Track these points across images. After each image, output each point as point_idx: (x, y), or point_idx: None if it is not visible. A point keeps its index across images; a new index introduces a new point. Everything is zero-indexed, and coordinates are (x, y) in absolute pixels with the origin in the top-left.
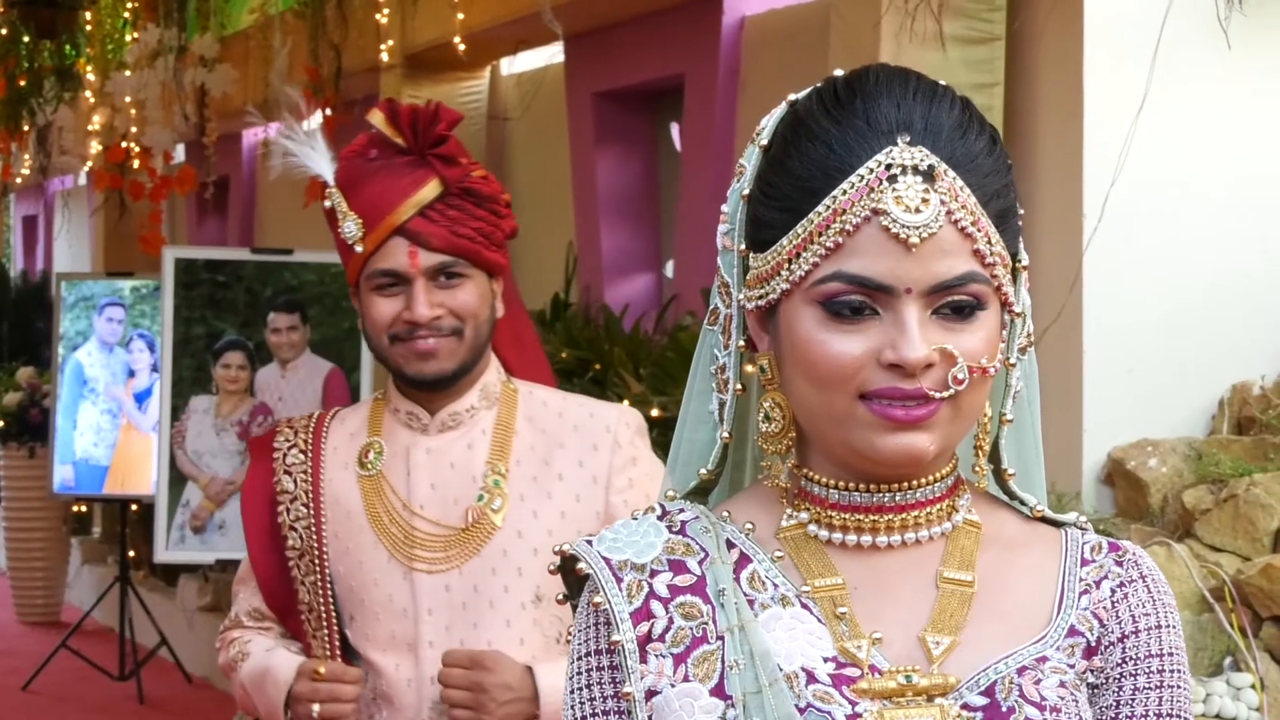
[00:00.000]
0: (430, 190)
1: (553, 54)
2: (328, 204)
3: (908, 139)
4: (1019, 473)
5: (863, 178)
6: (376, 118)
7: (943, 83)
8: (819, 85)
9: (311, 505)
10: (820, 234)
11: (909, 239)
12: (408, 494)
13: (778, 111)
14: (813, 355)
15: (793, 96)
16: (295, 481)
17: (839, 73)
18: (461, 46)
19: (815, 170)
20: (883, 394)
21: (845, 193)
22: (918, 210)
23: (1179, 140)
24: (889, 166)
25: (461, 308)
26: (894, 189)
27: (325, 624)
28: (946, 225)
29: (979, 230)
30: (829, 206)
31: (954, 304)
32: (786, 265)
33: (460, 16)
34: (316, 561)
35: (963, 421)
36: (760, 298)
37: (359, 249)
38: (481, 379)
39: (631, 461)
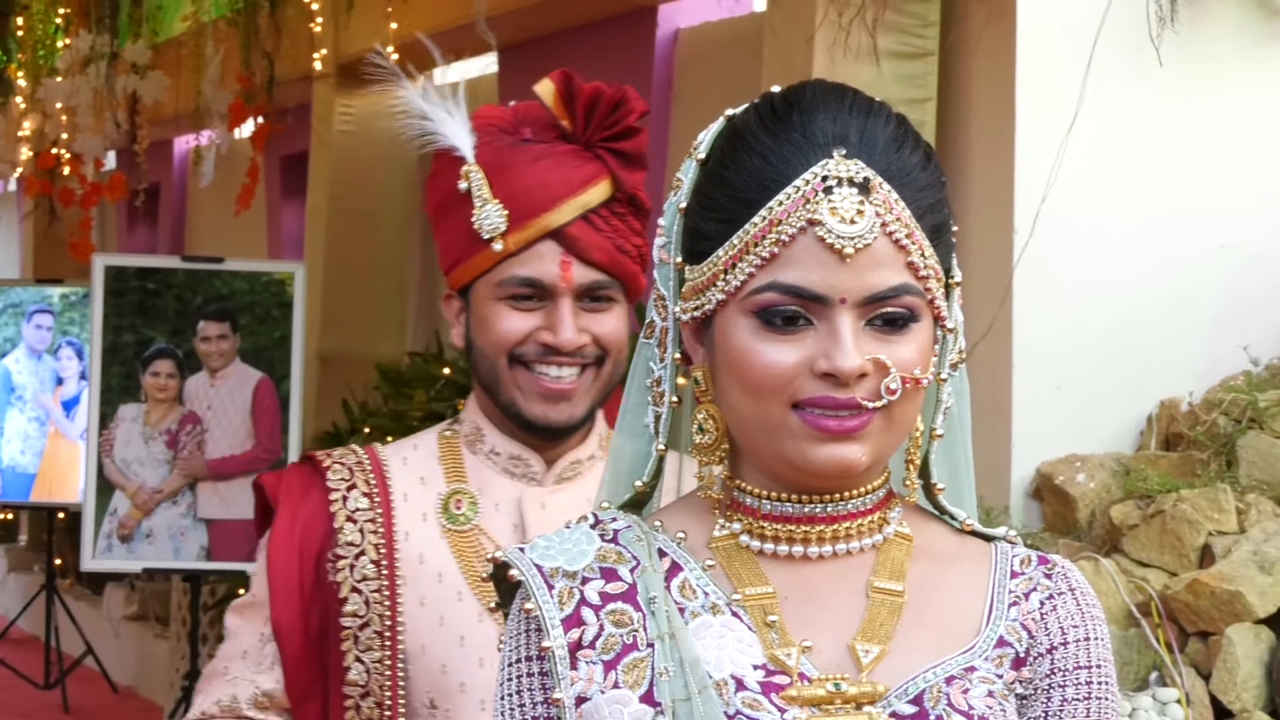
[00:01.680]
0: (599, 192)
1: (486, 64)
2: (462, 185)
3: (844, 152)
4: (950, 487)
5: (799, 189)
6: (546, 91)
7: (879, 99)
8: (756, 100)
9: (385, 563)
10: (756, 244)
11: (844, 250)
12: None
13: (715, 126)
14: (747, 364)
15: (730, 111)
16: (362, 532)
17: (776, 88)
18: (395, 56)
19: (752, 182)
20: (816, 403)
21: (781, 204)
22: (853, 222)
23: (1110, 157)
24: (825, 178)
25: (608, 337)
26: (829, 200)
27: (389, 712)
28: (881, 237)
29: (913, 243)
30: (765, 217)
31: (888, 315)
32: (722, 276)
33: (394, 26)
34: (388, 634)
35: (895, 433)
36: (696, 309)
37: (497, 246)
38: (600, 424)
39: None
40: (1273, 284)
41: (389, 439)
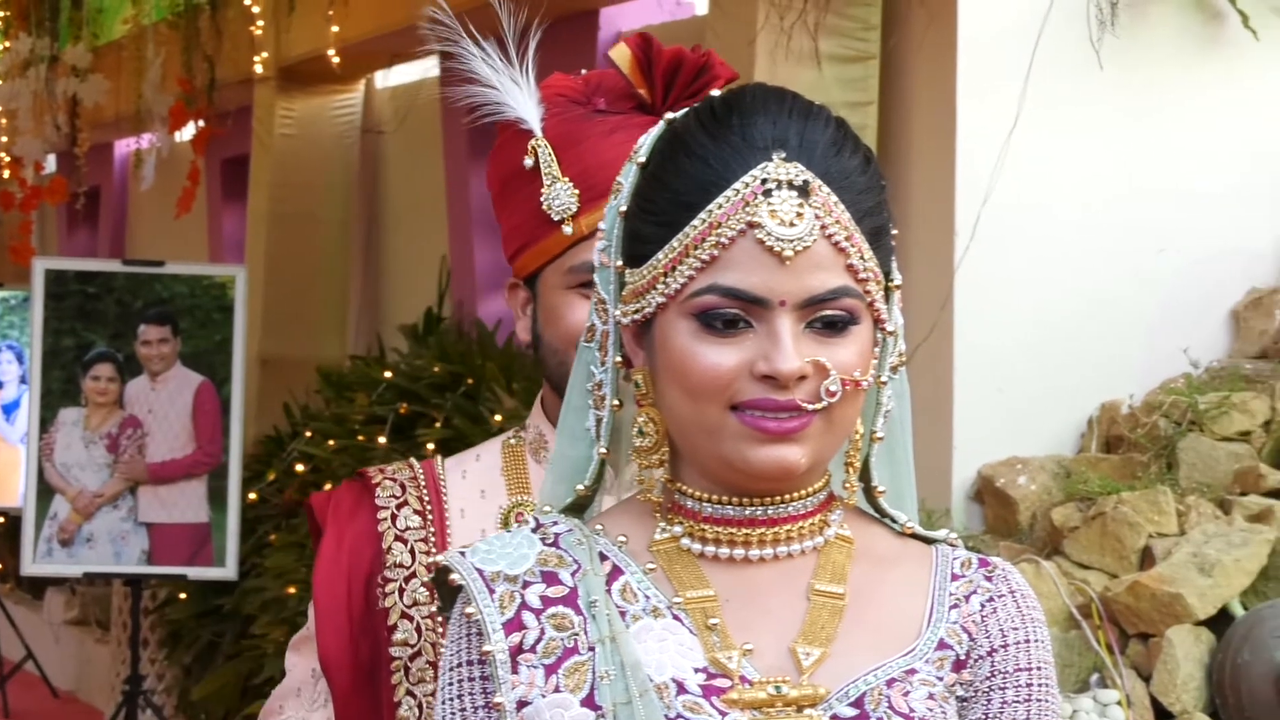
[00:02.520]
0: None
1: (427, 67)
2: (528, 161)
3: (783, 155)
4: (891, 490)
5: (738, 191)
6: (621, 56)
7: (819, 102)
8: (697, 104)
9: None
10: (696, 247)
11: (783, 252)
12: None
13: (656, 130)
14: (686, 366)
15: (670, 116)
16: (413, 553)
17: (716, 93)
18: (336, 59)
19: (692, 185)
20: (755, 404)
21: (721, 206)
22: (792, 224)
23: (1051, 160)
24: (764, 181)
25: None
26: (769, 203)
27: None
28: (820, 239)
29: (852, 245)
30: (704, 220)
31: (827, 318)
32: (662, 279)
33: (335, 29)
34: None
35: (835, 435)
36: (636, 312)
37: (568, 229)
38: None
39: None
40: (1212, 287)
41: (330, 443)
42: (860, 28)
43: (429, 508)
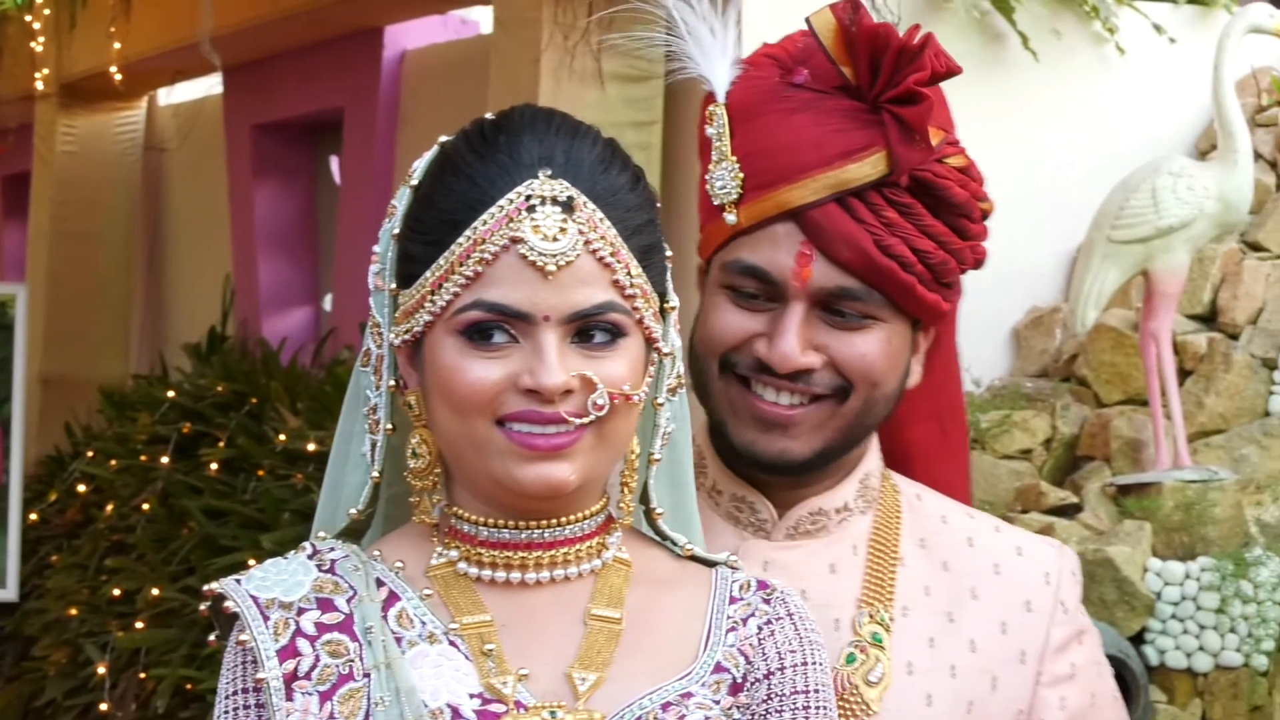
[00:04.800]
0: (868, 168)
1: (211, 85)
2: (709, 129)
3: (549, 172)
4: (674, 513)
5: (502, 208)
6: (823, 24)
7: (586, 123)
8: (467, 126)
9: None
10: (461, 264)
11: (545, 266)
12: None
13: (429, 153)
14: (452, 382)
15: (443, 138)
16: None
17: (489, 115)
18: (118, 76)
19: (458, 203)
20: (520, 417)
21: (485, 223)
22: (555, 239)
23: None
24: (528, 197)
25: (852, 363)
26: (532, 219)
27: None
28: (585, 255)
29: (618, 261)
30: (469, 237)
31: (592, 332)
32: (430, 297)
33: (117, 46)
34: None
35: (608, 451)
36: (407, 332)
37: (730, 217)
38: (861, 466)
39: (1077, 637)
40: (994, 306)
41: (113, 463)
42: (644, 47)
43: None
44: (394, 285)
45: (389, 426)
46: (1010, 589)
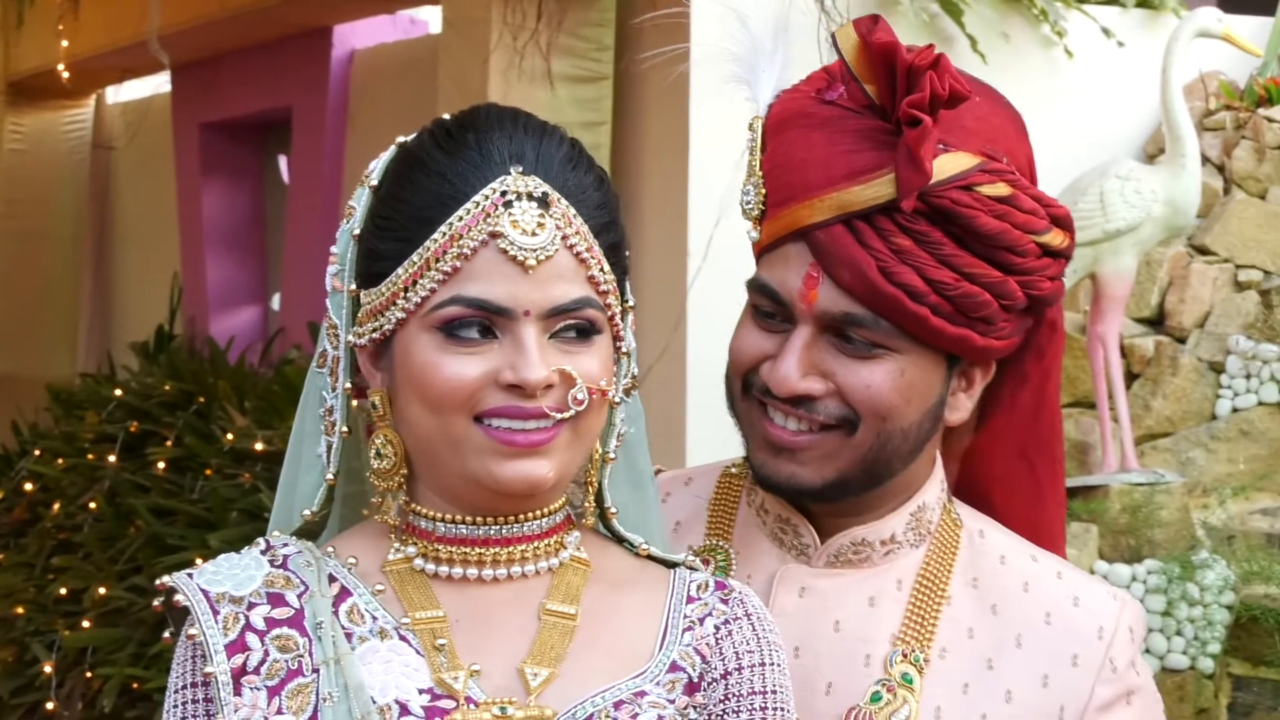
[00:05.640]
0: (877, 189)
1: (159, 83)
2: (750, 137)
3: (521, 169)
4: (634, 512)
5: (479, 204)
6: (846, 39)
7: (552, 122)
8: (429, 125)
9: None
10: (437, 260)
11: (526, 261)
12: None
13: (387, 154)
14: (429, 379)
15: (401, 139)
16: None
17: (447, 115)
18: (66, 74)
19: (430, 200)
20: (500, 413)
21: (462, 219)
22: (534, 234)
23: None
24: (505, 193)
25: (858, 393)
26: (510, 213)
27: None
28: (562, 250)
29: (593, 257)
30: (445, 233)
31: (571, 327)
32: (403, 294)
33: (65, 44)
34: None
35: (581, 448)
36: (375, 330)
37: (754, 233)
38: (916, 498)
39: (1125, 697)
40: None
41: (60, 461)
42: (593, 48)
43: None
44: (354, 286)
45: (344, 429)
46: (1058, 641)
